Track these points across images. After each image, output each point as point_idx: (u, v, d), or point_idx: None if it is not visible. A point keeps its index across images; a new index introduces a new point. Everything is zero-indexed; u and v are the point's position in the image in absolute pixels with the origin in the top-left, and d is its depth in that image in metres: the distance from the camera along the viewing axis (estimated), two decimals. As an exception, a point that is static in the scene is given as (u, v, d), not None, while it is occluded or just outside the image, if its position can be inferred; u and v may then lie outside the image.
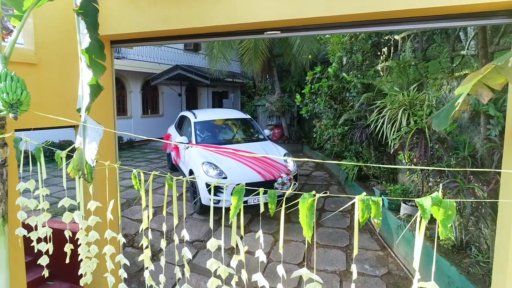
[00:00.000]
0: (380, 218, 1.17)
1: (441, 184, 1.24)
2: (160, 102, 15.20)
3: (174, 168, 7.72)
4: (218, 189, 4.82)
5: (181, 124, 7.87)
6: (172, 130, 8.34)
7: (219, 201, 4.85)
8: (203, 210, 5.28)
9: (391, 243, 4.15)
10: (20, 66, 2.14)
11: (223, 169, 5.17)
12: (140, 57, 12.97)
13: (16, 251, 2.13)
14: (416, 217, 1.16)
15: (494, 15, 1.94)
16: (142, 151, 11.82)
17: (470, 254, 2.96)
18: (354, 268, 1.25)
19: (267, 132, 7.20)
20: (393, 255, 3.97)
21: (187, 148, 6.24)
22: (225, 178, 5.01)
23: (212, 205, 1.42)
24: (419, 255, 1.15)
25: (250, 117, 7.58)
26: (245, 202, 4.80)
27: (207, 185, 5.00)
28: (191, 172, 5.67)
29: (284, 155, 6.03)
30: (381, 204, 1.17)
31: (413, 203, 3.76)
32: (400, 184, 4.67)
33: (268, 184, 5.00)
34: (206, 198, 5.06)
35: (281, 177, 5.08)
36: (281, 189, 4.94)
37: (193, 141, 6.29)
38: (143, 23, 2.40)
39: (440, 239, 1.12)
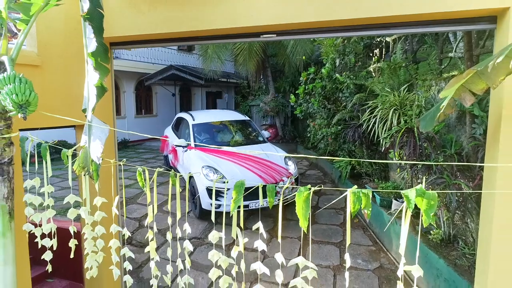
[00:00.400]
0: (370, 209, 1.27)
1: (424, 178, 1.35)
2: (154, 102, 15.21)
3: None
4: (218, 194, 4.76)
5: (178, 126, 7.74)
6: (169, 131, 8.15)
7: (219, 205, 4.79)
8: (203, 214, 5.18)
9: (383, 238, 4.28)
10: (24, 67, 2.20)
11: (224, 173, 5.08)
12: (133, 57, 12.98)
13: (21, 247, 2.19)
14: (402, 207, 1.26)
15: (478, 21, 2.06)
16: (136, 151, 11.84)
17: (457, 247, 3.10)
18: (347, 257, 1.36)
19: (266, 134, 7.10)
20: (385, 250, 4.10)
21: (185, 151, 6.12)
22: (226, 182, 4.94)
23: (213, 210, 1.51)
24: (405, 241, 1.25)
25: (249, 118, 7.44)
26: (246, 206, 4.77)
27: (208, 190, 4.93)
28: (190, 176, 5.60)
29: (285, 157, 5.80)
30: (370, 196, 1.28)
31: (403, 200, 3.88)
32: (392, 182, 4.81)
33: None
34: (207, 202, 4.98)
35: (283, 180, 5.02)
36: (282, 193, 4.96)
37: (192, 144, 6.15)
38: (143, 26, 2.46)
39: (424, 226, 1.23)
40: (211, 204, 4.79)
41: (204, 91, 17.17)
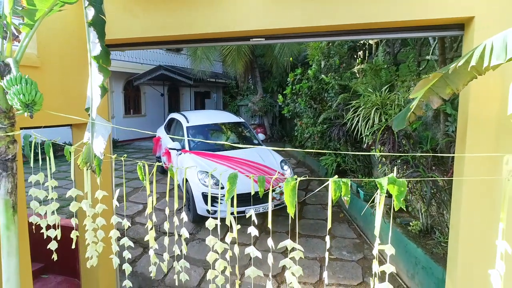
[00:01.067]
0: (349, 196, 1.45)
1: (396, 168, 1.54)
2: (143, 102, 15.20)
3: (165, 172, 7.32)
4: (214, 200, 4.71)
5: (170, 127, 7.55)
6: (162, 132, 7.89)
7: (215, 211, 4.72)
8: (198, 219, 5.11)
9: (367, 232, 4.51)
10: (24, 68, 2.30)
11: (219, 178, 4.91)
12: (122, 57, 12.94)
13: (22, 240, 2.29)
14: (377, 193, 1.44)
15: (449, 28, 2.27)
16: (126, 151, 11.83)
17: (434, 237, 3.33)
18: (327, 239, 1.54)
19: (261, 136, 6.96)
20: (368, 242, 4.32)
21: (179, 154, 5.98)
22: (222, 188, 4.62)
23: (209, 196, 1.66)
24: (379, 223, 1.43)
25: (243, 120, 7.28)
26: (242, 212, 4.74)
27: (203, 195, 4.85)
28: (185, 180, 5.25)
29: (281, 162, 5.75)
30: (349, 184, 1.45)
31: (386, 195, 4.11)
32: (374, 177, 5.04)
33: (265, 194, 4.81)
34: (202, 208, 4.92)
35: (280, 186, 4.83)
36: (278, 199, 4.91)
37: (186, 147, 6.02)
38: (138, 30, 2.59)
39: (395, 210, 1.41)
40: (207, 211, 4.75)
41: (192, 91, 17.23)
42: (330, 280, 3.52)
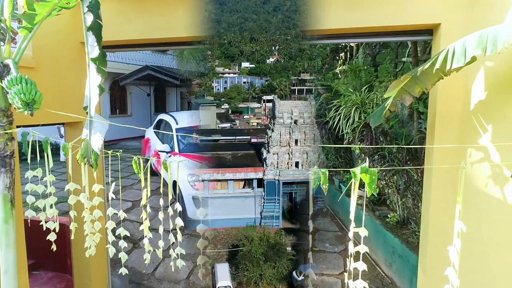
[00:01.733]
0: (327, 184, 1.62)
1: (367, 157, 1.72)
2: (129, 102, 15.10)
3: (155, 174, 7.11)
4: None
5: (159, 129, 7.48)
6: (151, 134, 7.79)
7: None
8: (189, 223, 4.96)
9: (349, 225, 4.72)
10: (20, 69, 2.38)
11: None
12: (108, 58, 12.65)
13: (19, 233, 2.38)
14: (352, 182, 1.62)
15: (419, 33, 2.50)
16: (113, 151, 11.76)
17: (409, 227, 3.57)
18: (310, 224, 1.72)
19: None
20: (350, 235, 4.55)
21: (169, 156, 5.95)
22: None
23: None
24: (354, 208, 1.60)
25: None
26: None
27: (193, 198, 4.86)
28: (174, 183, 5.18)
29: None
30: (327, 174, 1.62)
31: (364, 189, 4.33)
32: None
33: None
34: (192, 211, 4.91)
35: None
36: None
37: (176, 150, 5.98)
38: (130, 32, 2.70)
39: (368, 196, 1.59)
40: (196, 214, 4.83)
41: (178, 91, 17.22)
42: (313, 270, 3.71)
